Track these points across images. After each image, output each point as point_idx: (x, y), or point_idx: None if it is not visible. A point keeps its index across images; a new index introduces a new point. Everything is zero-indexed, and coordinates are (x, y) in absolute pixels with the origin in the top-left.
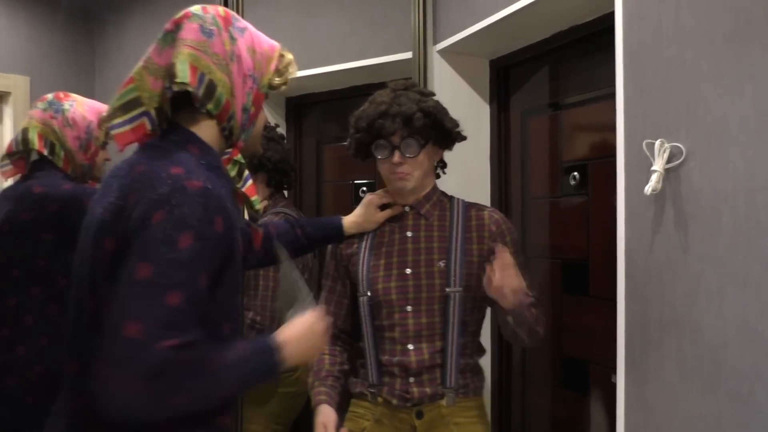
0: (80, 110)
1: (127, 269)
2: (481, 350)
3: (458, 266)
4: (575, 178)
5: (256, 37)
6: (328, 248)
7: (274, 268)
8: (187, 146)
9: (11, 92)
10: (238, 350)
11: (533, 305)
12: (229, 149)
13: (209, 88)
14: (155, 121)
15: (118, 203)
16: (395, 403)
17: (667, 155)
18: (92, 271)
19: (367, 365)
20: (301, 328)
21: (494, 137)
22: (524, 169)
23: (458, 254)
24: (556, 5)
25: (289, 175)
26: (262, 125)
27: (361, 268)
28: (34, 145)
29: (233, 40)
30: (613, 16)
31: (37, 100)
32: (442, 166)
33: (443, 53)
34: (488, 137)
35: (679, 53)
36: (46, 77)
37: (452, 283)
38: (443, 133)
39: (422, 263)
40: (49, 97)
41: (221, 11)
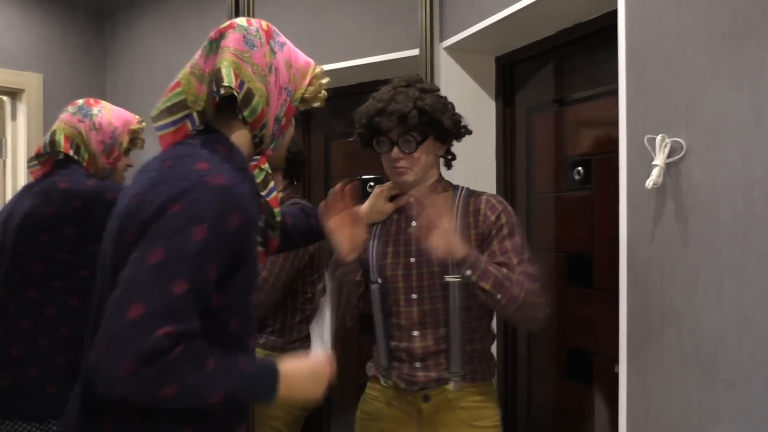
0: (107, 116)
1: (139, 252)
2: (489, 336)
3: None
4: (579, 172)
5: (293, 52)
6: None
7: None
8: (216, 146)
9: (25, 89)
10: (238, 362)
11: (503, 264)
12: (257, 156)
13: (247, 95)
14: (196, 122)
15: (142, 195)
16: (403, 386)
17: (667, 150)
18: (114, 261)
19: (379, 350)
20: (308, 368)
21: (500, 133)
22: (529, 164)
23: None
24: (560, 3)
25: (303, 166)
26: (289, 137)
27: (371, 256)
28: (60, 146)
29: (273, 53)
30: (615, 14)
31: (68, 104)
32: (450, 158)
33: (450, 50)
34: (494, 133)
35: (679, 51)
36: (58, 75)
37: (451, 270)
38: (441, 129)
39: (424, 251)
40: (79, 102)
41: (264, 25)
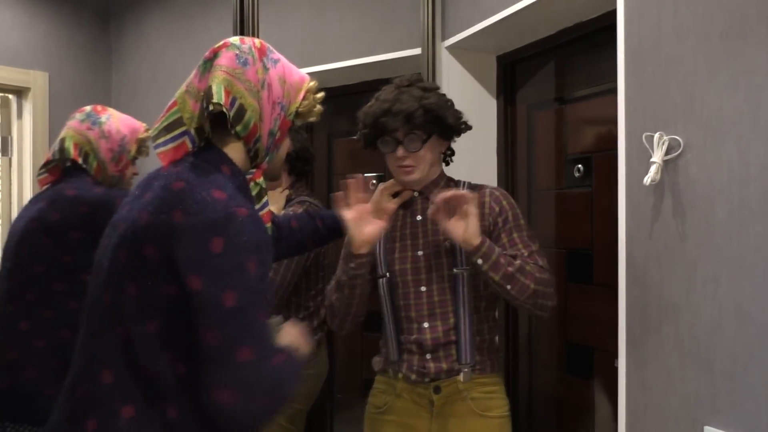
0: (116, 124)
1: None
2: (496, 327)
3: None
4: (579, 170)
5: (287, 68)
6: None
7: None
8: (221, 167)
9: (31, 87)
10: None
11: (514, 257)
12: (252, 170)
13: (239, 111)
14: (195, 140)
15: (160, 215)
16: (413, 378)
17: (665, 147)
18: (113, 265)
19: (388, 343)
20: (293, 337)
21: (501, 131)
22: (530, 161)
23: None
24: (561, 3)
25: (309, 162)
26: (285, 151)
27: (378, 251)
28: (69, 153)
29: (266, 69)
30: (615, 13)
31: (75, 111)
32: (450, 154)
33: (451, 49)
34: (495, 131)
35: (677, 50)
36: (64, 73)
37: (459, 263)
38: (445, 127)
39: (431, 244)
40: (87, 109)
41: (257, 43)
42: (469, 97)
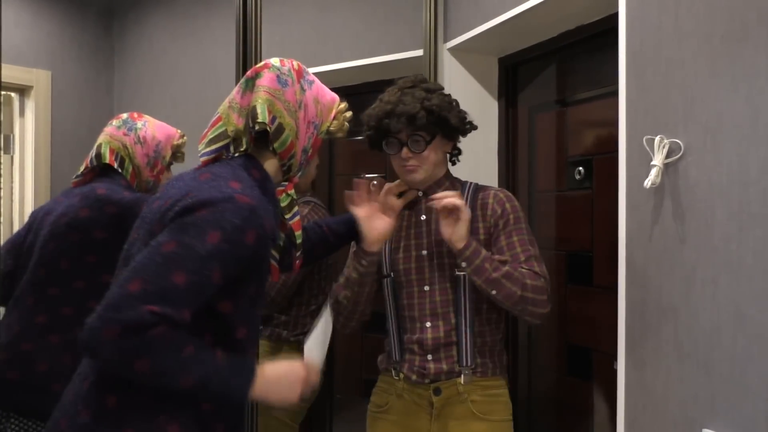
0: (151, 130)
1: (157, 240)
2: (500, 331)
3: None
4: (580, 172)
5: (320, 89)
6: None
7: None
8: (251, 170)
9: (33, 86)
10: (216, 355)
11: (503, 262)
12: (284, 182)
13: (278, 129)
14: (231, 150)
15: (175, 197)
16: (414, 378)
17: (666, 150)
18: (137, 250)
19: (391, 343)
20: (284, 372)
21: (502, 133)
22: (531, 163)
23: None
24: (562, 6)
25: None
26: (315, 166)
27: (383, 251)
28: (105, 159)
29: (303, 91)
30: (616, 17)
31: (113, 118)
32: (456, 153)
33: (453, 51)
34: (496, 133)
35: (678, 53)
36: (67, 72)
37: (462, 263)
38: (449, 127)
39: (435, 244)
40: (124, 116)
41: (295, 65)
42: (470, 98)
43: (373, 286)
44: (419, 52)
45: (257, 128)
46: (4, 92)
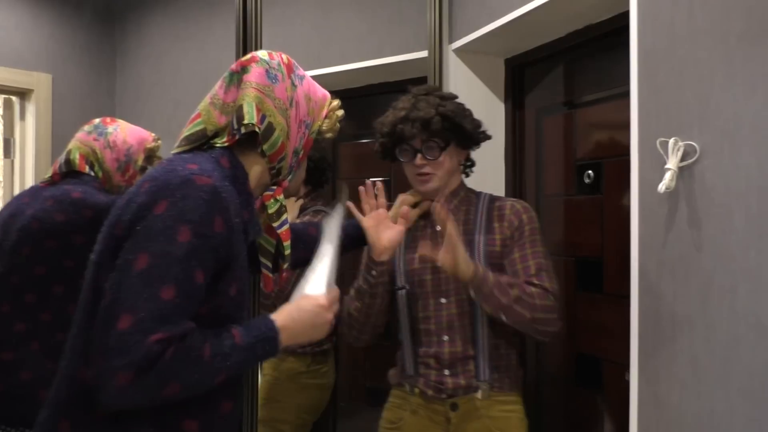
0: (122, 134)
1: (125, 257)
2: (516, 345)
3: (482, 257)
4: (590, 176)
5: (311, 85)
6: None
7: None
8: (219, 159)
9: (34, 89)
10: (234, 338)
11: (511, 285)
12: (273, 186)
13: (268, 129)
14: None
15: (132, 192)
16: (430, 394)
17: (680, 153)
18: (100, 257)
19: (405, 357)
20: (307, 314)
21: (509, 135)
22: (539, 167)
23: (481, 245)
24: (571, 5)
25: (325, 173)
26: (305, 168)
27: (398, 262)
28: (75, 165)
29: (294, 87)
30: (627, 15)
31: (85, 123)
32: (469, 165)
33: (459, 52)
34: (503, 135)
35: (692, 52)
36: (68, 75)
37: (471, 293)
38: (463, 135)
39: None
40: (96, 121)
41: (285, 58)
42: (476, 101)
43: (385, 297)
44: (424, 53)
45: (244, 130)
46: (4, 96)
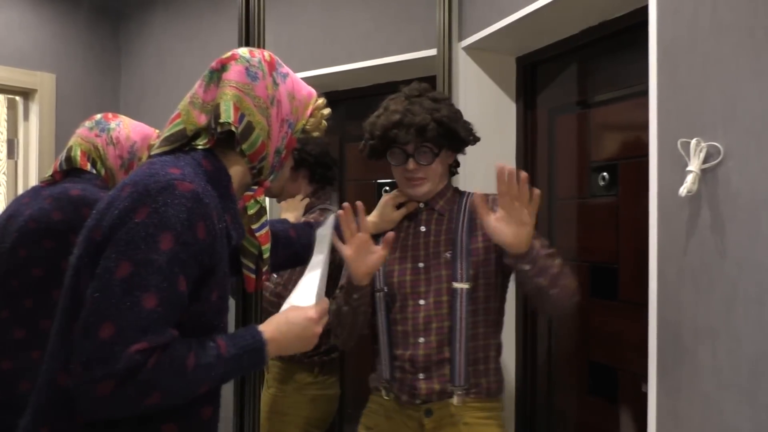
0: (125, 131)
1: (106, 264)
2: (496, 350)
3: (464, 257)
4: (605, 178)
5: (296, 82)
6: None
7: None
8: (201, 161)
9: (38, 89)
10: (219, 349)
11: (552, 255)
12: (254, 187)
13: (247, 128)
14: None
15: (112, 195)
16: (404, 399)
17: (703, 155)
18: (79, 262)
19: (381, 360)
20: (294, 326)
21: (521, 136)
22: (551, 168)
23: (463, 245)
24: (584, 1)
25: (331, 168)
26: (288, 168)
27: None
28: (77, 162)
29: (275, 85)
30: (644, 11)
31: (86, 119)
32: (455, 165)
33: (468, 50)
34: (514, 136)
35: (716, 48)
36: (72, 74)
37: (459, 276)
38: (457, 140)
39: (432, 256)
40: (97, 116)
41: (267, 56)
42: (487, 100)
43: (367, 308)
44: (432, 51)
45: (220, 129)
46: (8, 96)
